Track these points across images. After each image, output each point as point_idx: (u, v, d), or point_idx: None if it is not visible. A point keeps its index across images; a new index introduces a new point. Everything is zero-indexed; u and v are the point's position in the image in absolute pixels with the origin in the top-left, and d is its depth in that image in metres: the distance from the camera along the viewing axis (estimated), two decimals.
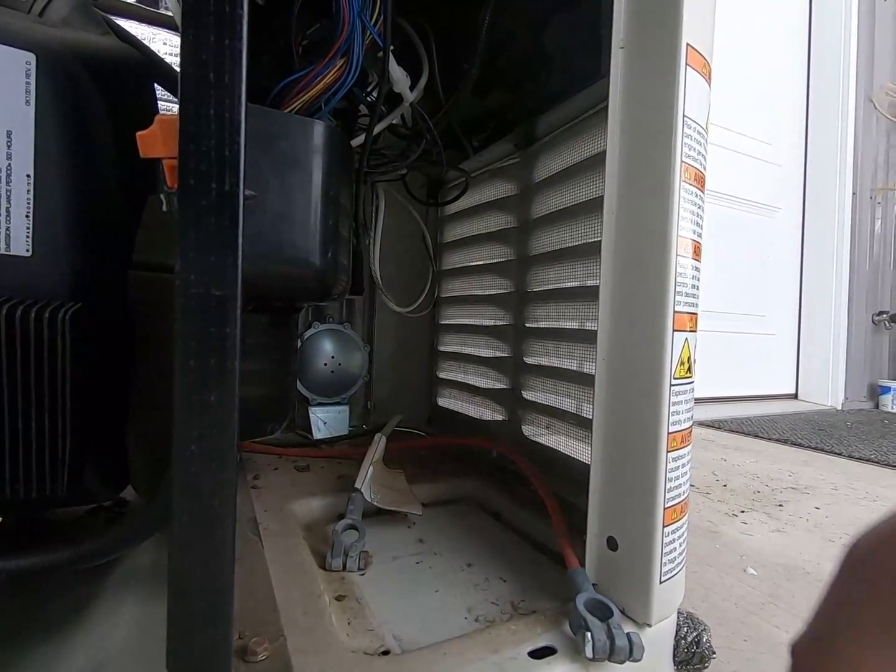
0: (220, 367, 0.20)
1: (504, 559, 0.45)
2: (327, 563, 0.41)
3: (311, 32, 0.49)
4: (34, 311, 0.31)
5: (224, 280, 0.20)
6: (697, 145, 0.34)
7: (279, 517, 0.47)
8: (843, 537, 0.99)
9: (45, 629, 0.38)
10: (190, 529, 0.20)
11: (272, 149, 0.37)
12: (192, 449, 0.20)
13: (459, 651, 0.31)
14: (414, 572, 0.43)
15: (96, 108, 0.35)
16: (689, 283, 0.34)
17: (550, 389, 0.57)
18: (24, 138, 0.31)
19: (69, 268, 0.34)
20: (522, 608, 0.38)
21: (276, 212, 0.37)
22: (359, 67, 0.43)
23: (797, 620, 0.73)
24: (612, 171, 0.36)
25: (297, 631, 0.31)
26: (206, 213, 0.20)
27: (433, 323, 0.87)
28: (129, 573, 0.45)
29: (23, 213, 0.32)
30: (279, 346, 0.52)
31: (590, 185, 0.52)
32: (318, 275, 0.40)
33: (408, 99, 0.54)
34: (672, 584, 0.34)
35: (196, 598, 0.20)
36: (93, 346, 0.34)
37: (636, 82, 0.34)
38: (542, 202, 0.60)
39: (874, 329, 2.69)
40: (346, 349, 0.78)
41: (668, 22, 0.32)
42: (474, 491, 0.59)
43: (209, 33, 0.19)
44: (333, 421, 0.77)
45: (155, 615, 0.40)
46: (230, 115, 0.20)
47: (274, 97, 0.43)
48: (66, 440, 0.32)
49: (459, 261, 0.80)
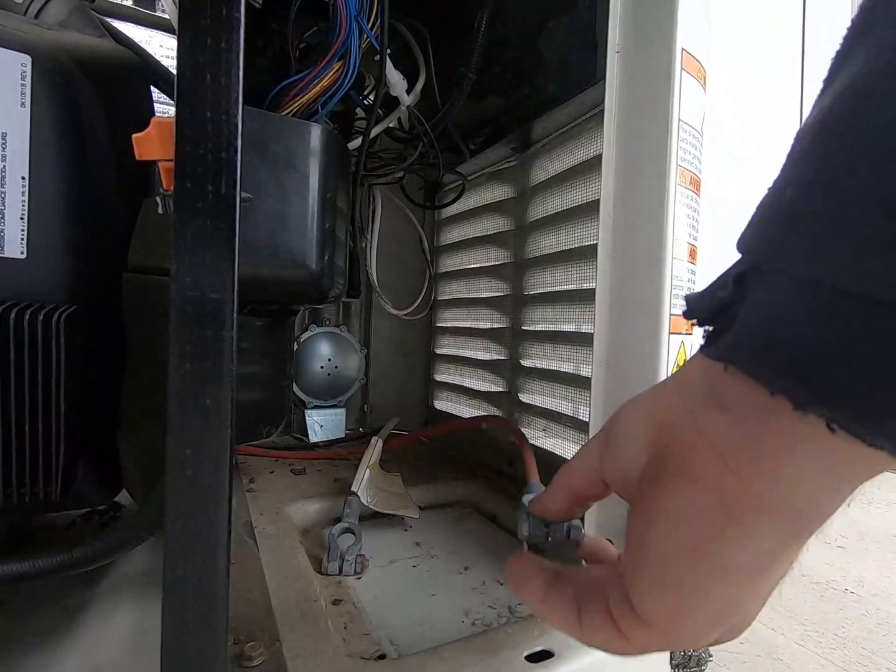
0: (216, 370, 0.20)
1: (501, 562, 0.45)
2: (323, 566, 0.41)
3: (308, 36, 0.49)
4: (28, 314, 0.30)
5: (220, 283, 0.20)
6: (693, 149, 0.34)
7: (275, 521, 0.47)
8: (839, 539, 0.99)
9: (37, 636, 0.38)
10: (185, 533, 0.20)
11: (269, 151, 0.37)
12: (187, 452, 0.20)
13: (456, 655, 0.30)
14: (411, 576, 0.43)
15: (92, 111, 0.35)
16: (685, 286, 0.34)
17: (547, 392, 0.57)
18: (19, 140, 0.31)
19: (64, 270, 0.33)
20: (520, 612, 0.38)
21: (272, 214, 0.37)
22: (356, 71, 0.43)
23: (794, 623, 0.73)
24: (608, 175, 0.36)
25: (292, 635, 0.31)
26: (202, 215, 0.20)
27: (430, 326, 0.87)
28: (123, 578, 0.45)
29: (17, 216, 0.31)
30: (275, 349, 0.52)
31: (586, 188, 0.52)
32: (314, 278, 0.39)
33: (405, 102, 0.54)
34: None
35: (191, 603, 0.20)
36: (87, 348, 0.34)
37: (632, 86, 0.34)
38: (539, 205, 0.60)
39: None
40: (342, 352, 0.78)
41: (663, 27, 0.32)
42: (471, 494, 0.59)
43: (206, 36, 0.19)
44: (330, 424, 0.77)
45: (149, 620, 0.39)
46: (226, 118, 0.20)
47: (271, 100, 0.43)
48: (59, 444, 0.32)
49: (456, 264, 0.80)
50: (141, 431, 0.35)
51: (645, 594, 0.18)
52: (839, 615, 0.73)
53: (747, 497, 0.15)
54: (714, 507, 0.16)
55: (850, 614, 0.73)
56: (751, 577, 0.16)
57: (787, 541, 0.16)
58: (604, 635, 0.19)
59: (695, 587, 0.17)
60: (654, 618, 0.18)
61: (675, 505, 0.17)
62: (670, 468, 0.17)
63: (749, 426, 0.15)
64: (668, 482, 0.17)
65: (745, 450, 0.15)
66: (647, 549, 0.18)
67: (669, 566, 0.17)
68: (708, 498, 0.16)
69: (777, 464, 0.14)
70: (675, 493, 0.17)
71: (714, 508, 0.16)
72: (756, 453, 0.15)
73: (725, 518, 0.16)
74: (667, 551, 0.17)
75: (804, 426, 0.13)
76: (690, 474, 0.16)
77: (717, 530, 0.16)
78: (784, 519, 0.15)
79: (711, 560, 0.16)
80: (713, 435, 0.16)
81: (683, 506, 0.17)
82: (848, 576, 0.84)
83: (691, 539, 0.16)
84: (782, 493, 0.15)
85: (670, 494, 0.17)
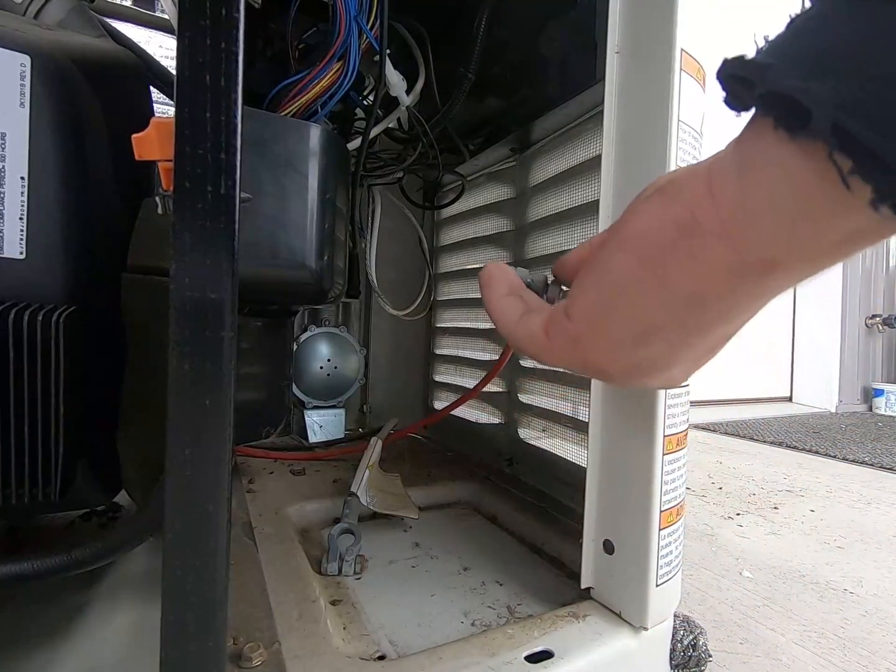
0: (216, 370, 0.20)
1: (501, 563, 0.45)
2: (323, 567, 0.41)
3: (307, 36, 0.49)
4: (27, 314, 0.30)
5: (219, 283, 0.20)
6: (692, 149, 0.34)
7: (274, 521, 0.47)
8: (838, 540, 0.99)
9: (37, 636, 0.38)
10: (184, 534, 0.20)
11: (268, 152, 0.37)
12: (186, 453, 0.20)
13: (455, 655, 0.30)
14: (410, 576, 0.43)
15: (91, 111, 0.35)
16: None
17: (546, 393, 0.57)
18: (18, 140, 0.31)
19: (63, 270, 0.33)
20: (519, 612, 0.38)
21: (271, 215, 0.37)
22: (355, 71, 0.43)
23: (793, 623, 0.73)
24: (607, 175, 0.36)
25: (292, 636, 0.31)
26: (202, 215, 0.20)
27: (429, 326, 0.87)
28: (122, 579, 0.45)
29: (16, 216, 0.31)
30: (275, 349, 0.52)
31: (585, 188, 0.52)
32: (313, 278, 0.39)
33: (404, 103, 0.54)
34: (668, 588, 0.34)
35: (190, 604, 0.20)
36: (86, 349, 0.34)
37: (631, 87, 0.34)
38: (539, 206, 0.60)
39: (867, 332, 2.71)
40: (342, 352, 0.78)
41: (663, 27, 0.32)
42: (471, 494, 0.59)
43: (205, 36, 0.19)
44: (329, 424, 0.77)
45: (148, 621, 0.39)
46: (226, 118, 0.20)
47: (270, 100, 0.43)
48: (58, 445, 0.32)
49: (456, 264, 0.80)
50: (140, 432, 0.35)
51: (577, 294, 0.19)
52: (839, 615, 0.73)
53: (713, 220, 0.15)
54: (677, 220, 0.16)
55: (850, 615, 0.73)
56: (682, 303, 0.17)
57: (731, 280, 0.16)
58: (530, 331, 0.21)
59: (625, 294, 0.17)
60: (576, 314, 0.19)
61: (640, 219, 0.17)
62: (652, 197, 0.17)
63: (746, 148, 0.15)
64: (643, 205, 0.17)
65: (732, 172, 0.15)
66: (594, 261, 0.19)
67: (611, 270, 0.18)
68: (676, 211, 0.16)
69: (755, 187, 0.14)
70: (647, 210, 0.17)
71: (676, 222, 0.16)
72: (740, 177, 0.14)
73: (682, 232, 0.16)
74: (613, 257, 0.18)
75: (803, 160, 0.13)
76: (673, 193, 0.16)
77: (668, 241, 0.16)
78: (734, 251, 0.15)
79: (651, 270, 0.16)
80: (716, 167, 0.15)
81: (647, 218, 0.17)
82: (847, 576, 0.84)
83: (640, 249, 0.17)
84: (745, 220, 0.14)
85: (642, 212, 0.17)
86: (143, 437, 0.34)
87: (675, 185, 0.17)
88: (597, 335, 0.19)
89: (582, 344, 0.19)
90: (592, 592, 0.37)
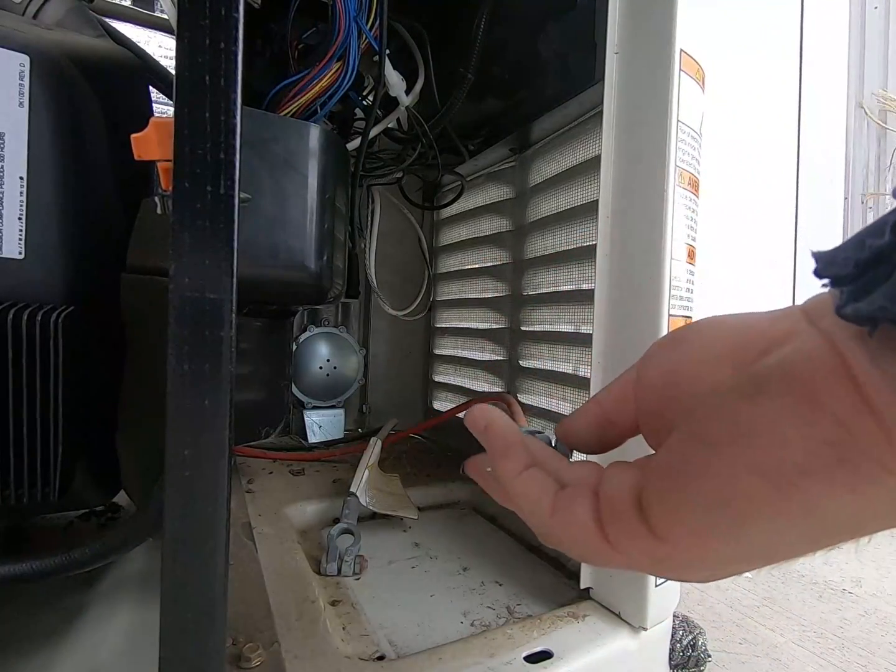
0: (215, 371, 0.20)
1: (500, 563, 0.45)
2: (322, 567, 0.41)
3: (307, 36, 0.49)
4: (26, 314, 0.30)
5: (218, 283, 0.20)
6: (691, 150, 0.34)
7: (273, 521, 0.47)
8: None
9: (36, 637, 0.37)
10: (183, 534, 0.20)
11: (268, 152, 0.37)
12: (185, 453, 0.20)
13: (455, 656, 0.30)
14: (409, 577, 0.43)
15: (90, 111, 0.35)
16: (684, 287, 0.34)
17: (546, 392, 0.57)
18: (17, 140, 0.31)
19: (62, 270, 0.33)
20: (518, 612, 0.38)
21: (271, 215, 0.37)
22: (355, 71, 0.43)
23: (792, 623, 0.73)
24: (606, 175, 0.36)
25: (291, 637, 0.31)
26: (201, 215, 0.20)
27: (429, 326, 0.87)
28: (122, 579, 0.44)
29: (15, 216, 0.31)
30: (274, 349, 0.52)
31: (585, 188, 0.52)
32: (313, 278, 0.39)
33: (404, 103, 0.54)
34: (668, 588, 0.34)
35: (189, 604, 0.20)
36: (85, 349, 0.34)
37: (631, 87, 0.34)
38: (538, 206, 0.60)
39: None
40: (341, 353, 0.78)
41: (662, 28, 0.32)
42: (470, 494, 0.59)
43: (205, 36, 0.19)
44: (328, 425, 0.76)
45: (147, 622, 0.39)
46: (225, 118, 0.20)
47: (270, 100, 0.43)
48: (57, 445, 0.32)
49: (455, 264, 0.80)
50: (139, 432, 0.35)
51: (677, 505, 0.15)
52: (838, 615, 0.73)
53: (879, 447, 0.12)
54: (831, 442, 0.13)
55: (849, 614, 0.73)
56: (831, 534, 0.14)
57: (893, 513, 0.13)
58: (579, 531, 0.16)
59: (755, 523, 0.14)
60: (669, 533, 0.15)
61: (773, 424, 0.14)
62: (775, 385, 0.14)
63: None
64: (769, 399, 0.14)
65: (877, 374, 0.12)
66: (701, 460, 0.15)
67: (728, 484, 0.14)
68: (829, 429, 0.13)
69: None
70: (780, 411, 0.14)
71: (830, 444, 0.13)
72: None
73: (839, 460, 0.13)
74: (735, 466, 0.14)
75: None
76: (812, 397, 0.13)
77: (820, 467, 0.13)
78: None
79: (789, 494, 0.13)
80: (854, 362, 0.13)
81: (787, 428, 0.13)
82: (846, 576, 0.85)
83: (777, 464, 0.13)
84: None
85: (772, 412, 0.14)
86: (143, 437, 0.34)
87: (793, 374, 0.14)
88: (699, 562, 0.15)
89: (669, 563, 0.15)
90: (592, 593, 0.37)
